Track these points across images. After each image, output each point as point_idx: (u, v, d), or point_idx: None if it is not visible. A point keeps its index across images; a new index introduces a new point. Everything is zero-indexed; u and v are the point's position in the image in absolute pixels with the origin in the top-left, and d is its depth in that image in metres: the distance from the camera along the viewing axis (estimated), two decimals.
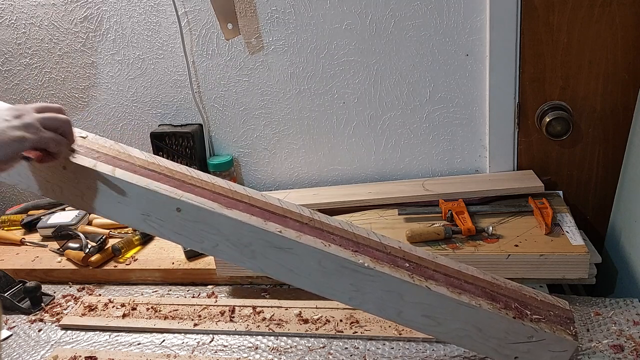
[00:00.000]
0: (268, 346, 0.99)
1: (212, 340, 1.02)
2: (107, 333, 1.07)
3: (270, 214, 0.81)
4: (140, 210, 0.79)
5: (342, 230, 0.83)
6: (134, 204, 0.79)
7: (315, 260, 0.77)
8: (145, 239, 1.35)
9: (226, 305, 1.10)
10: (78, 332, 1.08)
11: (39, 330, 1.10)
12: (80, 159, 0.80)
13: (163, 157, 1.42)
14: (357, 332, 0.99)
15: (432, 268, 0.82)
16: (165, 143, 1.45)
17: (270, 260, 0.78)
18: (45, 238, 1.41)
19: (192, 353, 0.99)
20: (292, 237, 0.77)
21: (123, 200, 0.79)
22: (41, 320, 1.13)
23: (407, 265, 0.80)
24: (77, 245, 1.29)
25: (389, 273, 0.77)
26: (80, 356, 0.99)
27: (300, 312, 1.06)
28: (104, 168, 0.79)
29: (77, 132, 0.85)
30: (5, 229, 1.49)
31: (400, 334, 0.97)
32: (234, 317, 1.07)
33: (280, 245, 0.77)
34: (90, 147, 0.84)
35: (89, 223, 1.43)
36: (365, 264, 0.77)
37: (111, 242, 1.32)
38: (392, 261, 0.80)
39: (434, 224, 1.17)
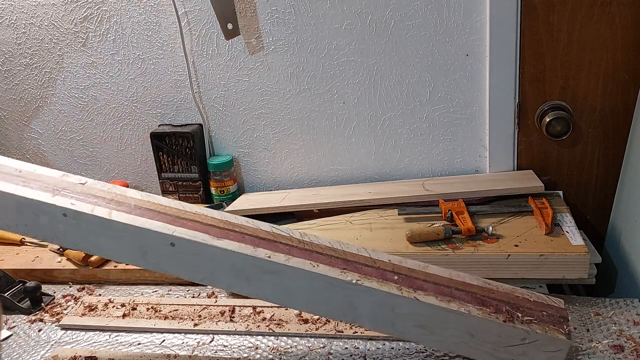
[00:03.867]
0: (268, 346, 0.99)
1: (212, 340, 1.02)
2: (107, 333, 1.07)
3: (260, 240, 0.85)
4: (138, 248, 0.84)
5: (332, 249, 0.86)
6: (132, 243, 0.84)
7: (306, 281, 0.80)
8: None
9: (226, 305, 1.10)
10: (78, 332, 1.08)
11: (39, 330, 1.10)
12: (79, 206, 0.85)
13: (163, 156, 1.45)
14: (357, 332, 0.99)
15: (422, 278, 0.84)
16: (165, 143, 1.45)
17: (264, 284, 0.82)
18: None
19: (192, 353, 0.99)
20: (280, 261, 0.80)
21: (121, 240, 0.84)
22: (41, 320, 1.13)
23: (396, 277, 0.82)
24: None
25: (377, 287, 0.79)
26: (80, 356, 0.99)
27: (300, 312, 1.06)
28: (100, 212, 0.84)
29: (76, 179, 0.91)
30: None
31: None
32: (234, 317, 1.07)
33: (270, 269, 0.81)
34: (89, 192, 0.89)
35: None
36: (353, 281, 0.79)
37: None
38: (381, 275, 0.82)
39: (434, 224, 1.17)
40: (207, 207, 1.40)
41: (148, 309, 1.11)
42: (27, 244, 1.40)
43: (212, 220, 0.87)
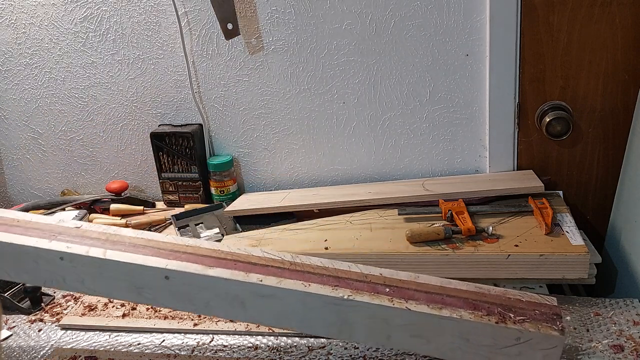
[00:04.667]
0: (268, 346, 0.99)
1: (212, 340, 1.02)
2: (107, 333, 1.07)
3: (252, 265, 0.86)
4: (134, 284, 0.86)
5: (323, 267, 0.87)
6: (127, 280, 0.86)
7: (299, 302, 0.82)
8: None
9: None
10: (78, 332, 1.08)
11: (39, 330, 1.10)
12: (74, 249, 0.88)
13: (163, 156, 1.45)
14: None
15: (414, 288, 0.85)
16: (165, 143, 1.45)
17: (259, 308, 0.84)
18: None
19: (192, 353, 0.99)
20: (273, 284, 0.82)
21: (117, 278, 0.86)
22: (41, 320, 1.13)
23: (388, 290, 0.83)
24: None
25: (369, 301, 0.80)
26: (80, 356, 0.99)
27: None
28: (95, 252, 0.86)
29: (72, 223, 0.94)
30: None
31: None
32: None
33: (264, 293, 0.82)
34: (84, 235, 0.92)
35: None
36: (345, 297, 0.80)
37: None
38: (373, 289, 0.83)
39: (434, 224, 1.17)
40: (206, 207, 1.40)
41: (148, 309, 1.11)
42: None
43: (205, 250, 0.89)
